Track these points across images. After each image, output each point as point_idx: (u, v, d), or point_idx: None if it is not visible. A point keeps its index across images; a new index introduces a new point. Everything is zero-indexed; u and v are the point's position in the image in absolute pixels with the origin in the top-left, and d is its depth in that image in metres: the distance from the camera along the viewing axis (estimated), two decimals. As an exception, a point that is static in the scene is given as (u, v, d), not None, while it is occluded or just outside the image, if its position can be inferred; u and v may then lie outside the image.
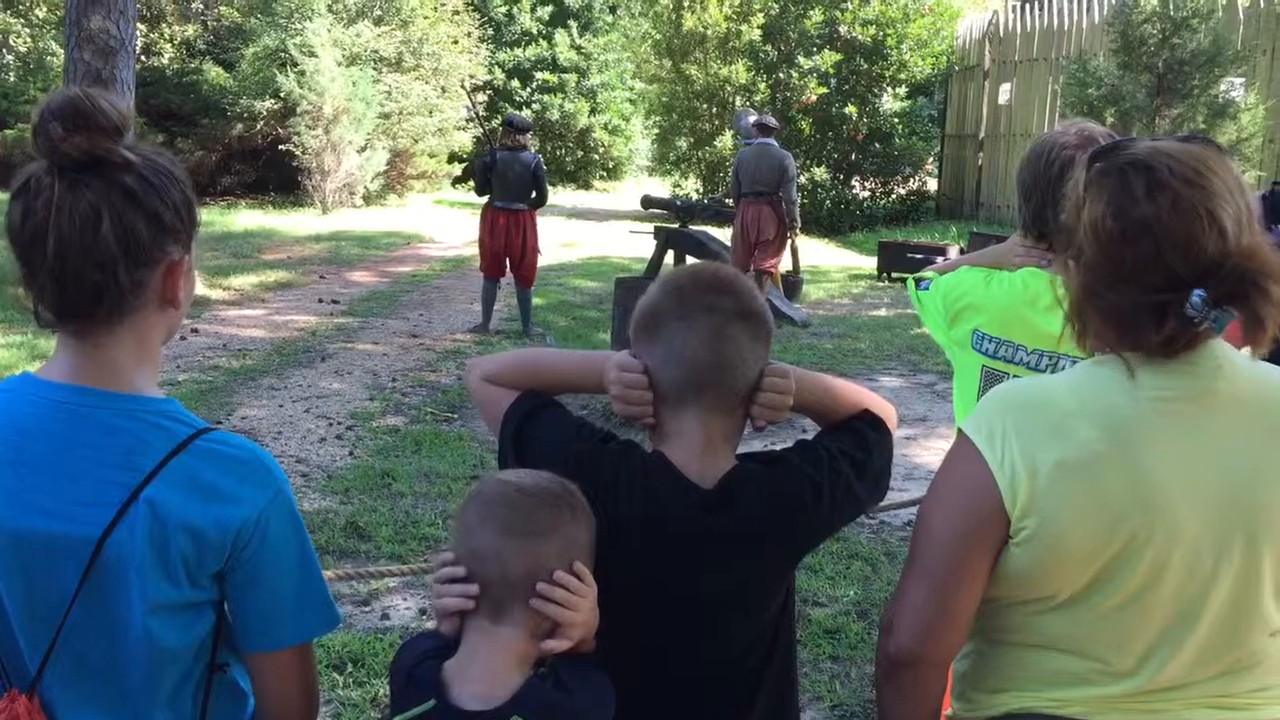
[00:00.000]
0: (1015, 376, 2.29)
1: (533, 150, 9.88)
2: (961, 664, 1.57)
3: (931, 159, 21.67)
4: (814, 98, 19.63)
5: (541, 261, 10.05)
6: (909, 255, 13.77)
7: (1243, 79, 13.17)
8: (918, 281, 2.59)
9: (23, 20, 21.83)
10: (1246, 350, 1.40)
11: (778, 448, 1.71)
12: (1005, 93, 18.69)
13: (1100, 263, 1.38)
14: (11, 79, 21.12)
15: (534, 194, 9.57)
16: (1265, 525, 1.39)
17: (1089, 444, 1.38)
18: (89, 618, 1.36)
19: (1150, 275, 1.34)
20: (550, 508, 1.51)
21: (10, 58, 21.57)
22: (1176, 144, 1.41)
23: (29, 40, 21.76)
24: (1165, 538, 1.37)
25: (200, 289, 10.96)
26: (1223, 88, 12.61)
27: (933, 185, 21.76)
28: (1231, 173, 1.38)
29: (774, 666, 1.66)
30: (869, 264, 14.78)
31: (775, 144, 10.37)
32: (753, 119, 10.93)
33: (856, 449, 1.66)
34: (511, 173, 9.38)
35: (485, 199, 9.61)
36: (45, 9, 21.34)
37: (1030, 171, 2.25)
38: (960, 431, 1.47)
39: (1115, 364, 1.42)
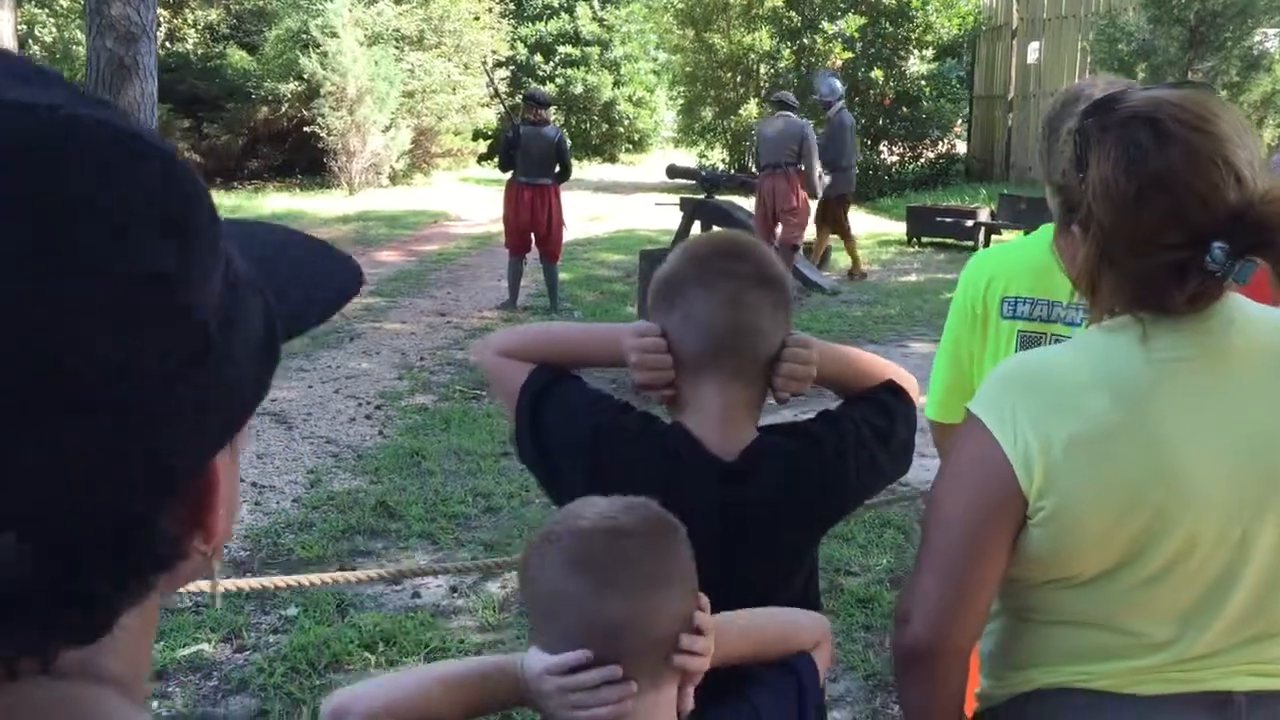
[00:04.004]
0: (1055, 336, 2.23)
1: (555, 125, 9.83)
2: (988, 641, 1.53)
3: (960, 121, 21.44)
4: (839, 63, 19.43)
5: (567, 236, 10.01)
6: (938, 219, 13.65)
7: (1277, 30, 12.91)
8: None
9: (47, 10, 21.94)
10: None
11: (801, 419, 1.68)
12: (1034, 51, 18.43)
13: (1115, 225, 1.30)
14: (38, 69, 21.22)
15: (558, 168, 9.54)
16: None
17: (1102, 415, 1.31)
18: None
19: (1170, 233, 1.27)
20: (667, 542, 1.31)
21: (36, 49, 21.69)
22: (1174, 91, 1.33)
23: (54, 30, 21.87)
24: (1191, 506, 1.31)
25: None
26: (1256, 39, 12.37)
27: (962, 148, 21.53)
28: (1235, 115, 1.31)
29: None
30: (898, 229, 14.65)
31: (794, 116, 10.30)
32: (835, 82, 11.12)
33: (880, 418, 1.62)
34: (535, 148, 9.35)
35: (509, 175, 9.60)
36: (69, -2, 21.45)
37: (1058, 117, 2.17)
38: (968, 412, 1.41)
39: (1125, 329, 1.35)
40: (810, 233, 10.83)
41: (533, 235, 9.55)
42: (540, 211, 9.49)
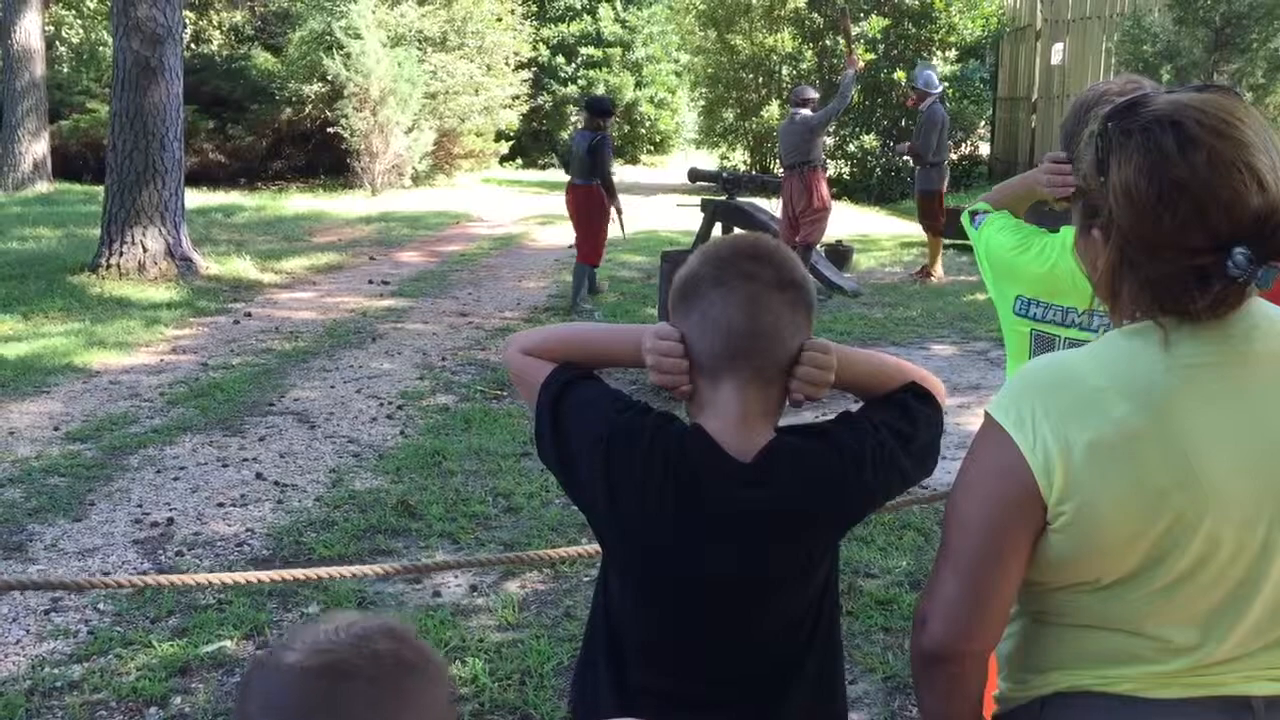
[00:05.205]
0: (1069, 339, 2.24)
1: (603, 131, 9.88)
2: (1006, 644, 1.51)
3: (983, 123, 21.32)
4: (862, 64, 19.38)
5: (617, 235, 10.17)
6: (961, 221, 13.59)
7: (1304, 31, 12.79)
8: (972, 217, 2.51)
9: (74, 12, 22.14)
10: None
11: (823, 420, 1.67)
12: (1058, 53, 18.32)
13: (1136, 230, 1.29)
14: (65, 70, 21.42)
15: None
16: None
17: (1123, 420, 1.30)
18: None
19: (1191, 238, 1.26)
20: (398, 686, 1.04)
21: (64, 50, 21.88)
22: (1197, 94, 1.32)
23: (81, 31, 22.06)
24: (1213, 512, 1.30)
25: (252, 273, 11.10)
26: (1283, 40, 12.26)
27: (985, 150, 21.41)
28: (1259, 120, 1.30)
29: (819, 642, 1.63)
30: (920, 231, 14.56)
31: (809, 112, 10.29)
32: (932, 75, 11.26)
33: (902, 422, 1.61)
34: (577, 151, 9.96)
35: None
36: (96, 0, 21.62)
37: (1075, 123, 2.17)
38: (987, 415, 1.40)
39: (1146, 333, 1.34)
40: (830, 234, 10.82)
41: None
42: (572, 211, 9.93)
